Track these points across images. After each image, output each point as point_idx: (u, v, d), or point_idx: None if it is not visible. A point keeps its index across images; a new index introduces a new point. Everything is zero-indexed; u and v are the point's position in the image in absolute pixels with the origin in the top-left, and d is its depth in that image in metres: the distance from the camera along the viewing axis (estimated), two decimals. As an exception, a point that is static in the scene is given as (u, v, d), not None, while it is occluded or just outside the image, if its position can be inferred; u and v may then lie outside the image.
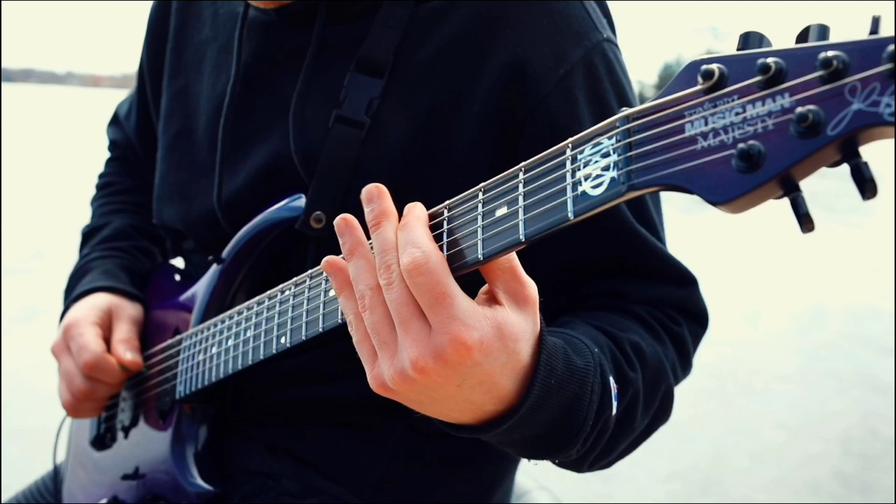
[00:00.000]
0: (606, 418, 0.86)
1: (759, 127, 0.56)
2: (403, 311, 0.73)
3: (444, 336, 0.71)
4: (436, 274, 0.71)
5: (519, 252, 0.77)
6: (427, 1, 1.08)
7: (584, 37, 1.04)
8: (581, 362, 0.82)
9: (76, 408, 1.27)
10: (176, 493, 1.18)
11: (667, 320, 1.05)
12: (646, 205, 1.08)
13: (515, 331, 0.74)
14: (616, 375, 0.90)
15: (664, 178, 0.60)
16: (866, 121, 0.51)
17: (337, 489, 1.18)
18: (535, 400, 0.77)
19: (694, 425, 4.28)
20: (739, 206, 0.57)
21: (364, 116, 1.06)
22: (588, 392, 0.82)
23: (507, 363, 0.74)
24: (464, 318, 0.71)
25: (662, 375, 0.99)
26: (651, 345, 0.99)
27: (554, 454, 0.85)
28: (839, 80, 0.53)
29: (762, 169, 0.55)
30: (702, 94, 0.60)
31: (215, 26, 1.26)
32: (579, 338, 0.86)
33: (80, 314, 1.27)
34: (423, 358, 0.71)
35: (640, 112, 0.63)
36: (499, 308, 0.74)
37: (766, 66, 0.56)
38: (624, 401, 0.91)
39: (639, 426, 0.97)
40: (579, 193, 0.66)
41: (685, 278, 1.09)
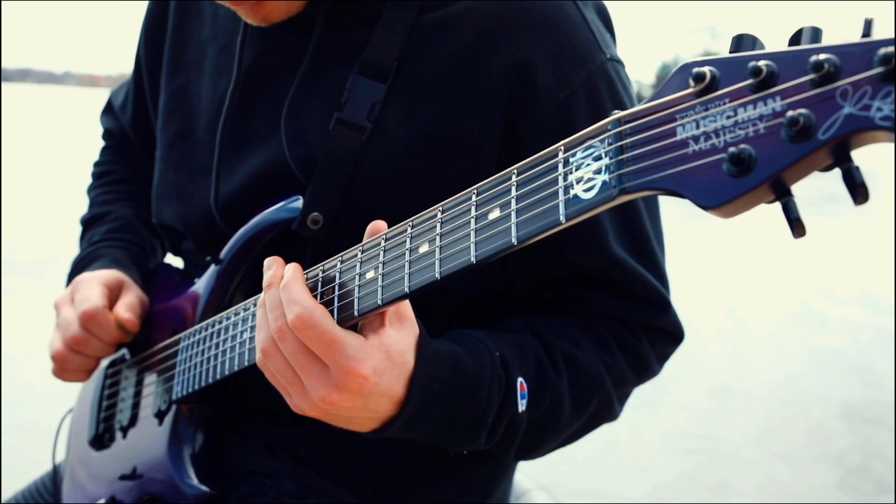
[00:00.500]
0: (513, 415, 0.97)
1: (751, 131, 0.56)
2: (300, 358, 0.86)
3: (340, 373, 0.84)
4: (319, 326, 0.84)
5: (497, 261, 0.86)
6: (431, 11, 1.07)
7: (587, 59, 1.04)
8: (474, 367, 0.94)
9: (64, 359, 1.26)
10: (173, 494, 1.17)
11: (626, 334, 1.11)
12: (639, 217, 1.09)
13: (401, 348, 0.87)
14: (534, 378, 1.01)
15: (655, 181, 0.60)
16: (857, 125, 0.51)
17: (336, 489, 1.18)
18: (417, 404, 0.89)
19: (692, 427, 4.28)
20: (730, 211, 0.57)
21: (366, 121, 1.06)
22: (484, 392, 0.94)
23: (399, 374, 0.87)
24: (355, 354, 0.84)
25: (599, 384, 1.07)
26: (591, 355, 1.07)
27: (460, 446, 0.98)
28: (830, 84, 0.53)
29: (753, 173, 0.54)
30: (693, 97, 0.59)
31: (216, 26, 1.26)
32: (484, 343, 0.98)
33: (94, 274, 1.29)
34: (329, 394, 0.85)
35: (631, 115, 0.63)
36: (382, 332, 0.86)
37: (758, 69, 0.56)
38: (543, 400, 1.02)
39: (568, 425, 1.07)
40: (571, 197, 0.66)
41: (658, 302, 1.11)
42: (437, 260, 0.78)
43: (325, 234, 1.07)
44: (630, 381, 1.13)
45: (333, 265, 0.91)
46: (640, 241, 1.10)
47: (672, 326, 1.15)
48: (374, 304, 0.84)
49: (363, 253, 0.87)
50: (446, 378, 0.91)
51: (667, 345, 1.16)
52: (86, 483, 1.36)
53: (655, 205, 1.14)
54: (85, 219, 1.50)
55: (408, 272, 0.81)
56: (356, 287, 0.86)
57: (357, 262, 0.87)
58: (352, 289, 0.87)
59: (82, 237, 1.48)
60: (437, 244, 0.78)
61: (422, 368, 0.89)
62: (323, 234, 1.07)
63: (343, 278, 0.89)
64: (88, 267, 1.36)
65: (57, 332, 1.27)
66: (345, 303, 0.87)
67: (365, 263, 0.87)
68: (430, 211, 0.81)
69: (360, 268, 0.87)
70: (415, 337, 0.90)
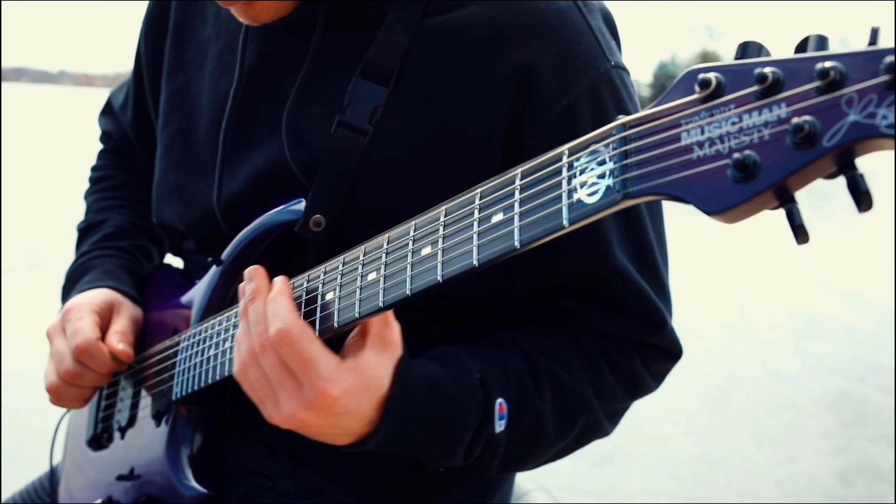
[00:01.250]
0: (490, 435, 0.99)
1: (756, 137, 0.56)
2: (277, 373, 0.88)
3: (312, 392, 0.87)
4: (298, 343, 0.86)
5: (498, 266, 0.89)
6: (434, 16, 1.07)
7: (591, 66, 1.04)
8: (453, 390, 0.96)
9: (59, 391, 1.25)
10: (170, 495, 1.17)
11: (617, 353, 1.10)
12: (643, 228, 1.09)
13: (377, 372, 0.90)
14: (516, 398, 1.02)
15: (659, 186, 0.60)
16: (862, 132, 0.51)
17: (336, 490, 1.17)
18: (392, 425, 0.92)
19: (693, 427, 4.28)
20: (734, 217, 0.57)
21: (367, 125, 1.06)
22: (461, 415, 0.96)
23: (372, 397, 0.90)
24: (327, 375, 0.86)
25: (586, 405, 1.08)
26: (579, 376, 1.07)
27: (437, 463, 1.00)
28: (836, 91, 0.53)
29: (757, 179, 0.55)
30: (698, 102, 0.59)
31: (218, 25, 1.26)
32: (465, 364, 0.99)
33: (82, 300, 1.27)
34: (300, 411, 0.88)
35: (636, 120, 0.63)
36: (361, 354, 0.89)
37: (763, 75, 0.56)
38: (525, 421, 1.03)
39: (553, 443, 1.08)
40: (575, 201, 0.66)
41: (655, 320, 1.10)
42: (439, 263, 0.78)
43: (327, 236, 1.07)
44: (621, 398, 1.13)
45: (335, 266, 0.91)
46: (643, 253, 1.09)
47: (669, 343, 1.13)
48: (376, 305, 0.84)
49: (365, 255, 0.88)
50: (424, 401, 0.94)
51: (663, 362, 1.15)
52: (83, 483, 1.36)
53: (660, 216, 1.13)
54: (81, 227, 1.49)
55: (410, 274, 0.81)
56: (357, 289, 0.86)
57: (359, 265, 0.88)
58: (353, 290, 0.87)
59: (78, 245, 1.47)
60: (440, 246, 0.78)
61: (397, 392, 0.91)
62: (325, 235, 1.07)
63: (344, 280, 0.89)
64: (80, 280, 1.35)
65: (51, 362, 1.27)
66: (344, 305, 0.88)
67: (367, 265, 0.87)
68: (433, 214, 0.81)
69: (361, 269, 0.87)
70: (394, 361, 0.92)
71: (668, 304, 1.13)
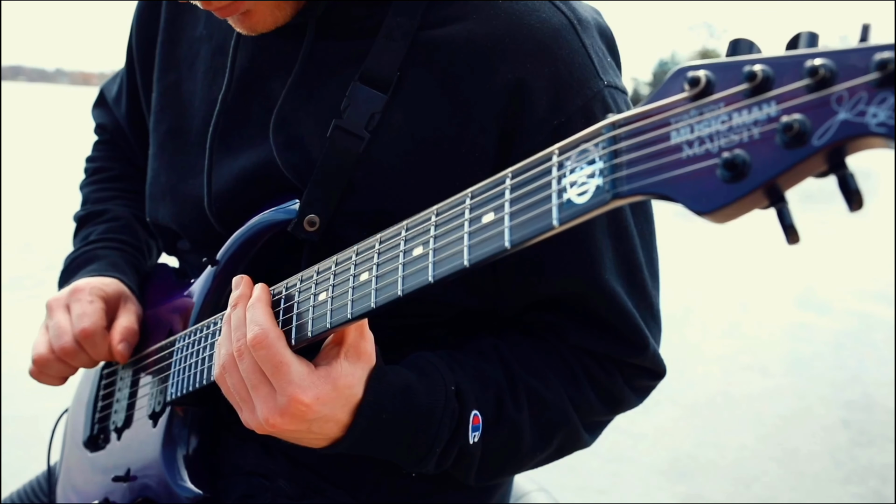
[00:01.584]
0: (463, 446, 1.01)
1: (745, 136, 0.55)
2: (253, 377, 0.91)
3: (284, 397, 0.89)
4: (273, 347, 0.89)
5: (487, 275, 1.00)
6: (430, 29, 1.06)
7: (585, 86, 1.03)
8: (426, 401, 0.98)
9: (47, 364, 1.25)
10: (167, 496, 1.17)
11: (597, 369, 1.10)
12: (633, 250, 1.08)
13: (349, 381, 0.92)
14: (492, 409, 1.03)
15: (648, 186, 0.59)
16: (852, 131, 0.51)
17: (334, 490, 1.17)
18: (362, 431, 0.94)
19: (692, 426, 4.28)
20: (724, 217, 0.56)
21: (364, 131, 1.06)
22: (434, 426, 0.98)
23: (345, 404, 0.92)
24: (299, 381, 0.89)
25: (563, 420, 1.09)
26: (557, 390, 1.08)
27: (409, 469, 1.02)
28: (826, 89, 0.52)
29: (747, 178, 0.54)
30: (688, 101, 0.59)
31: (210, 24, 1.25)
32: (442, 375, 1.01)
33: (93, 283, 1.28)
34: (273, 416, 0.90)
35: (625, 119, 0.62)
36: (335, 363, 0.91)
37: (753, 73, 0.55)
38: (500, 433, 1.04)
39: (530, 455, 1.09)
40: (564, 201, 0.65)
41: (639, 343, 1.10)
42: (430, 263, 0.77)
43: (321, 235, 1.07)
44: (601, 412, 1.13)
45: (328, 267, 0.91)
46: (631, 272, 1.08)
47: (651, 364, 1.13)
48: (368, 306, 0.84)
49: (357, 255, 0.87)
50: (396, 410, 0.96)
51: (645, 380, 1.15)
52: (80, 484, 1.36)
53: (651, 232, 1.12)
54: (79, 216, 1.48)
55: (401, 275, 0.80)
56: (350, 290, 0.86)
57: (351, 265, 0.87)
58: (345, 291, 0.87)
59: (76, 234, 1.46)
60: (431, 247, 0.78)
61: (369, 400, 0.94)
62: (319, 235, 1.07)
63: (336, 280, 0.88)
64: (85, 268, 1.34)
65: (45, 334, 1.26)
66: (336, 306, 0.87)
67: (359, 266, 0.86)
68: (425, 214, 0.80)
69: (353, 269, 0.87)
70: (367, 370, 0.94)
71: (655, 326, 1.13)
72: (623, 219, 1.07)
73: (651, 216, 1.13)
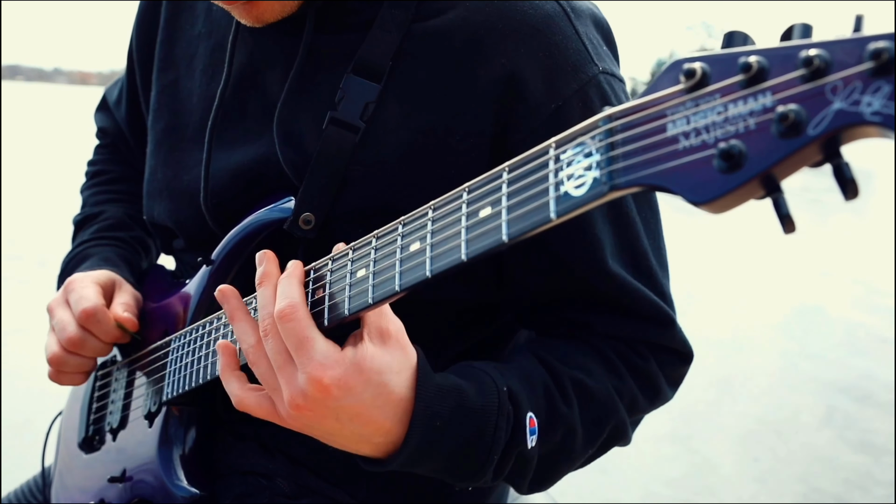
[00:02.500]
0: (521, 452, 0.94)
1: (741, 126, 0.55)
2: (279, 358, 0.86)
3: (304, 376, 0.83)
4: (301, 321, 0.84)
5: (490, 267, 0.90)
6: (424, 20, 1.07)
7: (579, 70, 1.02)
8: (479, 402, 0.91)
9: (62, 361, 1.24)
10: (163, 496, 1.17)
11: (632, 355, 1.08)
12: (636, 234, 1.07)
13: (376, 365, 0.84)
14: (545, 410, 0.98)
15: (645, 178, 0.59)
16: (847, 120, 0.51)
17: (332, 490, 1.17)
18: (418, 442, 0.87)
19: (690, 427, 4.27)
20: (720, 207, 0.57)
21: (359, 121, 1.06)
22: (490, 430, 0.91)
23: (377, 396, 0.85)
24: (321, 359, 0.82)
25: (612, 410, 1.04)
26: (601, 380, 1.04)
27: (465, 482, 0.95)
28: (820, 79, 0.52)
29: (743, 169, 0.54)
30: (683, 93, 0.59)
31: (209, 22, 1.25)
32: (491, 377, 0.94)
33: (84, 274, 1.28)
34: (295, 396, 0.84)
35: (622, 112, 0.63)
36: (360, 345, 0.84)
37: (748, 64, 0.55)
38: (555, 434, 0.99)
39: (581, 454, 1.04)
40: (562, 194, 0.65)
41: (661, 318, 1.08)
42: (427, 258, 0.78)
43: (316, 233, 1.07)
44: (642, 406, 1.10)
45: (325, 263, 0.91)
46: (636, 259, 1.07)
47: (679, 345, 1.11)
48: (365, 302, 0.84)
49: (354, 252, 0.87)
50: (449, 415, 0.89)
51: (676, 366, 1.13)
52: (75, 486, 1.35)
53: (656, 222, 1.12)
54: (77, 219, 1.49)
55: (399, 270, 0.80)
56: (347, 286, 0.86)
57: (348, 262, 0.87)
58: (343, 287, 0.87)
59: (73, 238, 1.47)
60: (428, 242, 0.78)
61: (421, 405, 0.87)
62: (314, 233, 1.07)
63: (333, 277, 0.88)
64: (78, 267, 1.35)
65: (52, 335, 1.26)
66: (335, 302, 0.87)
67: (356, 262, 0.86)
68: (422, 209, 0.80)
69: (351, 266, 0.87)
70: (407, 366, 0.87)
71: (670, 307, 1.11)
72: (624, 207, 1.06)
73: (656, 206, 1.12)
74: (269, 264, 0.92)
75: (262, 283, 0.90)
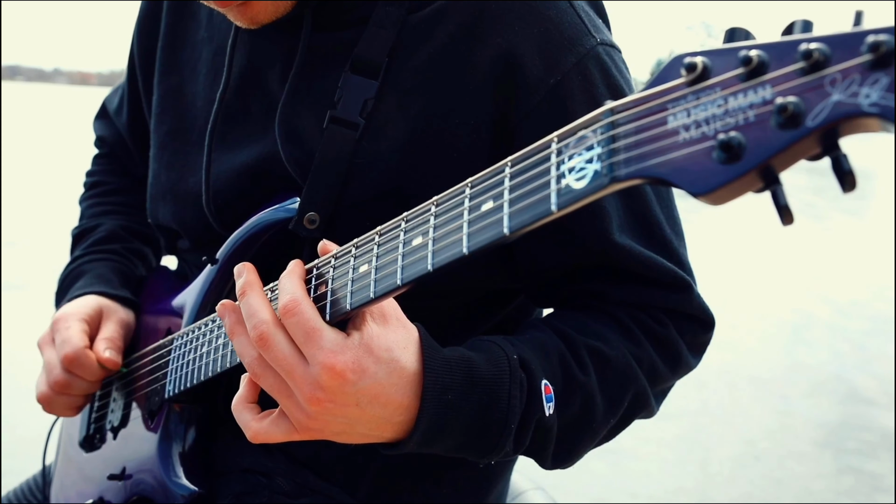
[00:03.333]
0: (540, 419, 0.93)
1: (741, 118, 0.56)
2: (284, 363, 0.84)
3: (317, 367, 0.82)
4: (305, 313, 0.83)
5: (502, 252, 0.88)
6: (417, 11, 1.08)
7: (576, 43, 1.03)
8: (489, 371, 0.90)
9: (51, 401, 1.27)
10: (162, 494, 1.17)
11: (650, 321, 1.06)
12: (647, 204, 1.06)
13: (384, 343, 0.84)
14: (560, 378, 0.96)
15: (646, 170, 0.60)
16: (845, 111, 0.51)
17: (331, 489, 1.17)
18: (432, 417, 0.87)
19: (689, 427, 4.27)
20: (720, 198, 0.57)
21: (359, 118, 1.06)
22: (504, 397, 0.90)
23: (390, 374, 0.84)
24: (331, 347, 0.82)
25: (632, 378, 1.03)
26: (618, 348, 1.02)
27: (487, 456, 0.93)
28: (819, 72, 0.53)
29: (742, 160, 0.55)
30: (685, 86, 0.60)
31: (211, 27, 1.27)
32: (500, 346, 0.94)
33: (70, 310, 1.28)
34: (312, 392, 0.83)
35: (623, 105, 0.63)
36: (364, 327, 0.84)
37: (749, 58, 0.56)
38: (573, 401, 0.97)
39: (603, 424, 1.02)
40: (563, 187, 0.66)
41: (677, 283, 1.07)
42: (429, 252, 0.78)
43: (321, 232, 1.07)
44: (664, 374, 1.07)
45: (327, 261, 0.91)
46: (649, 228, 1.06)
47: (698, 310, 1.09)
48: (367, 297, 0.84)
49: (357, 248, 0.88)
50: (460, 386, 0.88)
51: (697, 333, 1.10)
52: (75, 484, 1.35)
53: (668, 192, 1.10)
54: (75, 233, 1.50)
55: (400, 265, 0.81)
56: (349, 281, 0.87)
57: (351, 258, 0.88)
58: (345, 283, 0.87)
59: (71, 251, 1.48)
60: (431, 236, 0.78)
61: (430, 377, 0.86)
62: (319, 233, 1.07)
63: (336, 273, 0.89)
64: (72, 287, 1.36)
65: (42, 374, 1.28)
66: (337, 297, 0.88)
67: (359, 258, 0.87)
68: (425, 205, 0.81)
69: (353, 262, 0.87)
70: (410, 340, 0.87)
71: (688, 273, 1.09)
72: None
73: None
74: (250, 275, 0.91)
75: (244, 293, 0.89)
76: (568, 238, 1.04)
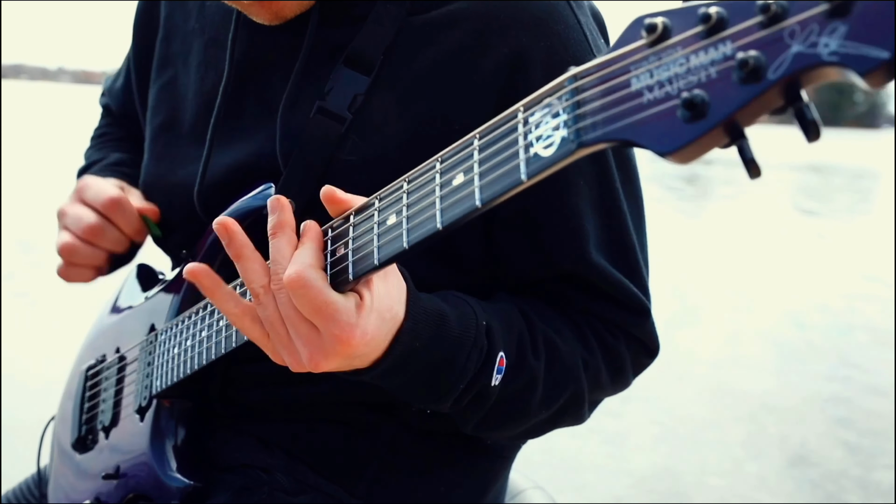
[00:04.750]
0: (484, 386, 0.97)
1: (703, 76, 0.56)
2: (291, 313, 0.84)
3: (329, 338, 0.82)
4: (313, 288, 0.81)
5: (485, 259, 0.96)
6: (421, 13, 1.07)
7: (579, 62, 1.03)
8: (457, 331, 0.93)
9: (74, 250, 1.25)
10: (157, 489, 1.17)
11: (603, 331, 1.10)
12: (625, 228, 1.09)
13: (386, 302, 0.86)
14: (514, 355, 1.00)
15: (612, 133, 0.60)
16: (805, 62, 0.51)
17: (329, 486, 1.17)
18: (397, 360, 0.89)
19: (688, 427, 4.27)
20: (687, 156, 0.57)
21: (346, 112, 1.06)
22: (462, 359, 0.94)
23: (389, 330, 0.87)
24: (347, 318, 0.82)
25: (574, 377, 1.07)
26: (571, 346, 1.07)
27: (424, 404, 0.99)
28: (778, 24, 0.53)
29: (706, 117, 0.55)
30: (646, 47, 0.60)
31: (202, 18, 1.26)
32: (473, 308, 0.97)
33: (97, 178, 1.29)
34: (315, 357, 0.84)
35: (586, 70, 0.63)
36: (372, 287, 0.84)
37: (707, 15, 0.56)
38: (519, 380, 1.01)
39: (535, 413, 1.05)
40: (531, 155, 0.66)
41: (638, 308, 1.11)
42: (404, 230, 0.78)
43: (297, 222, 1.07)
44: (604, 383, 1.12)
45: None
46: (624, 252, 1.10)
47: (648, 337, 1.14)
48: (346, 279, 0.84)
49: (333, 231, 0.88)
50: (428, 337, 0.91)
51: (641, 356, 1.16)
52: (70, 485, 1.35)
53: (641, 217, 1.14)
54: (80, 170, 1.49)
55: (377, 245, 0.81)
56: (327, 265, 0.87)
57: (328, 241, 0.88)
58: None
59: None
60: (404, 215, 0.79)
61: (409, 325, 0.89)
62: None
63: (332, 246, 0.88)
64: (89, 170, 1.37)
65: (63, 232, 1.26)
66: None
67: (335, 242, 0.87)
68: (396, 183, 0.81)
69: (330, 246, 0.87)
70: (403, 290, 0.89)
71: (647, 298, 1.14)
72: (617, 201, 1.08)
73: (641, 201, 1.15)
74: (285, 213, 0.87)
75: (275, 233, 0.86)
76: (546, 250, 1.07)
